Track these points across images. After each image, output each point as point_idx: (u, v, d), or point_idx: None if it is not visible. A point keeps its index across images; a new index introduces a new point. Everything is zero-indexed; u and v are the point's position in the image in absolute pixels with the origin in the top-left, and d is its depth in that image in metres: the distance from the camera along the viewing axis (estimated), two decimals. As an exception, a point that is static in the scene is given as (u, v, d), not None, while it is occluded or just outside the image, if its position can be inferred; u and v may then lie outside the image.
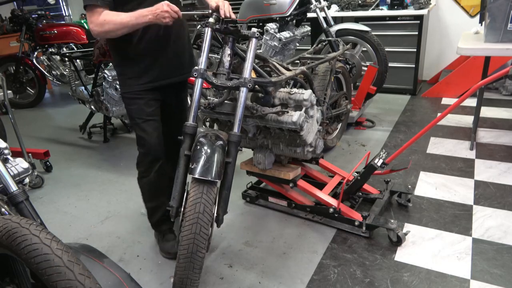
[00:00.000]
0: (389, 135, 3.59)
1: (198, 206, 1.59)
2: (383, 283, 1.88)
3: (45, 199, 2.94)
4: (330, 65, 2.67)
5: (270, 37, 3.53)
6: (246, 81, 1.77)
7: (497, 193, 2.53)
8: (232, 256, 2.14)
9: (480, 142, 3.26)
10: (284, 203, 2.48)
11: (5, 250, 1.12)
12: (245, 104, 1.79)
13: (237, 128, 1.76)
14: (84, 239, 2.41)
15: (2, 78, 2.94)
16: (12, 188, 1.45)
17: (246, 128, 2.21)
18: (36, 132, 4.42)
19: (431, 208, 2.43)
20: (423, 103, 4.40)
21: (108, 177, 3.20)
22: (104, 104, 3.55)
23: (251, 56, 1.81)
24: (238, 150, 1.78)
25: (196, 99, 1.81)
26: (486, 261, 1.97)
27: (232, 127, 1.78)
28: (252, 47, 1.81)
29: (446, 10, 4.74)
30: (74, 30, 4.73)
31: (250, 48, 1.82)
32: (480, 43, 2.79)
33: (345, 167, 2.96)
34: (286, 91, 2.10)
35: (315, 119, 2.21)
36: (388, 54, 3.70)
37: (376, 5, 4.55)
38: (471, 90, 1.98)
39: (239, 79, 1.79)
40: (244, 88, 1.77)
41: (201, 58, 1.83)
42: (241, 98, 1.77)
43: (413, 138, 2.15)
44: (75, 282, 1.03)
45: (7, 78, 4.84)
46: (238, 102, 1.77)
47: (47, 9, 6.48)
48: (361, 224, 2.18)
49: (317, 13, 3.59)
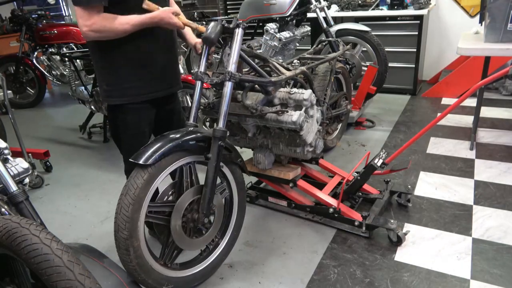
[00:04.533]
0: (389, 135, 3.59)
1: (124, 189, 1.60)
2: (383, 283, 1.88)
3: (45, 199, 2.94)
4: (330, 65, 2.67)
5: (270, 37, 3.53)
6: (230, 75, 1.75)
7: (497, 193, 2.53)
8: (232, 256, 2.14)
9: (480, 142, 3.25)
10: (284, 203, 2.48)
11: (5, 250, 1.12)
12: (230, 98, 1.75)
13: (222, 123, 1.73)
14: (84, 239, 2.41)
15: (2, 78, 2.94)
16: (12, 188, 1.45)
17: (246, 127, 2.22)
18: (36, 132, 4.42)
19: (431, 208, 2.43)
20: (423, 103, 4.40)
21: (108, 177, 3.20)
22: (104, 104, 3.55)
23: (236, 49, 1.77)
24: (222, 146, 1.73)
25: (196, 99, 1.82)
26: (486, 261, 1.97)
27: (217, 121, 1.75)
28: (237, 39, 1.77)
29: (446, 10, 4.74)
30: (74, 30, 4.74)
31: (235, 40, 1.77)
32: (480, 43, 2.79)
33: (345, 167, 2.96)
34: (286, 91, 2.10)
35: (315, 119, 2.21)
36: (388, 54, 3.70)
37: (376, 5, 4.55)
38: (471, 90, 1.98)
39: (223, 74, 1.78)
40: (229, 82, 1.75)
41: (201, 60, 1.83)
42: (226, 92, 1.74)
43: (413, 138, 2.15)
44: (75, 282, 1.03)
45: (7, 78, 4.84)
46: (222, 97, 1.75)
47: (47, 9, 6.48)
48: (361, 224, 2.17)
49: (317, 13, 3.59)
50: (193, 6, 5.90)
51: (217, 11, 5.71)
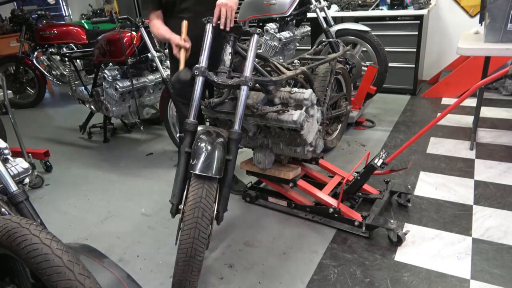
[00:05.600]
0: (389, 135, 3.59)
1: (197, 211, 1.59)
2: (383, 283, 1.88)
3: (45, 199, 2.94)
4: (331, 66, 2.67)
5: (270, 37, 3.54)
6: (247, 79, 1.78)
7: (497, 193, 2.53)
8: (232, 256, 2.14)
9: (480, 142, 3.25)
10: (284, 203, 2.48)
11: (5, 250, 1.12)
12: (245, 102, 1.80)
13: (237, 126, 1.77)
14: (84, 239, 2.41)
15: (2, 78, 2.94)
16: (12, 188, 1.45)
17: (246, 127, 2.22)
18: (36, 132, 4.42)
19: (431, 208, 2.43)
20: (423, 103, 4.40)
21: (108, 177, 3.20)
22: (104, 104, 3.55)
23: (252, 54, 1.81)
24: (239, 148, 1.79)
25: (197, 97, 1.82)
26: (486, 261, 1.97)
27: (233, 125, 1.78)
28: (253, 45, 1.81)
29: (446, 10, 4.74)
30: (74, 30, 4.74)
31: (251, 46, 1.81)
32: (480, 43, 2.79)
33: (345, 167, 2.96)
34: (286, 91, 2.10)
35: (315, 118, 2.21)
36: (388, 54, 3.70)
37: (376, 5, 4.55)
38: (471, 90, 1.98)
39: (240, 78, 1.80)
40: (245, 86, 1.78)
41: (202, 56, 1.83)
42: (242, 96, 1.78)
43: (413, 138, 2.15)
44: (75, 282, 1.03)
45: (7, 78, 4.84)
46: (239, 101, 1.78)
47: (47, 9, 6.48)
48: (361, 224, 2.17)
49: (317, 13, 3.59)
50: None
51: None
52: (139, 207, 2.70)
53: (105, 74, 3.41)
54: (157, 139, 3.93)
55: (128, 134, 4.16)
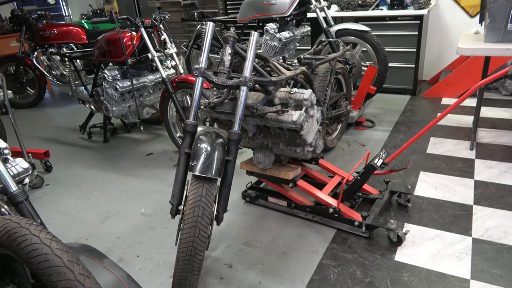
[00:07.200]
0: (389, 135, 3.59)
1: (197, 209, 1.59)
2: (383, 283, 1.88)
3: (45, 199, 2.94)
4: (331, 65, 2.67)
5: (270, 37, 3.54)
6: (247, 80, 1.78)
7: (497, 193, 2.53)
8: (232, 256, 2.14)
9: (480, 142, 3.26)
10: (284, 203, 2.48)
11: (5, 250, 1.12)
12: (245, 102, 1.80)
13: (237, 127, 1.77)
14: (84, 239, 2.41)
15: (2, 78, 2.94)
16: (12, 188, 1.45)
17: (246, 127, 2.22)
18: (36, 132, 4.42)
19: (431, 208, 2.43)
20: (423, 103, 4.40)
21: (108, 177, 3.20)
22: (104, 104, 3.55)
23: (251, 54, 1.81)
24: (238, 148, 1.79)
25: (197, 97, 1.82)
26: (486, 261, 1.97)
27: (233, 125, 1.78)
28: (253, 45, 1.81)
29: (446, 10, 4.74)
30: (74, 30, 4.73)
31: (250, 47, 1.81)
32: (480, 43, 2.79)
33: (345, 167, 2.96)
34: (286, 91, 2.10)
35: (315, 118, 2.21)
36: (388, 54, 3.70)
37: (376, 5, 4.55)
38: (471, 90, 1.98)
39: (239, 78, 1.80)
40: (245, 87, 1.78)
41: (201, 57, 1.83)
42: (242, 97, 1.78)
43: (413, 138, 2.15)
44: (75, 282, 1.03)
45: (7, 78, 4.84)
46: (238, 101, 1.78)
47: (47, 9, 6.49)
48: (361, 224, 2.18)
49: (317, 13, 3.59)
50: (193, 6, 5.90)
51: (217, 11, 5.70)
52: (139, 207, 2.70)
53: (105, 74, 3.41)
54: (157, 139, 3.93)
55: (128, 134, 4.16)
